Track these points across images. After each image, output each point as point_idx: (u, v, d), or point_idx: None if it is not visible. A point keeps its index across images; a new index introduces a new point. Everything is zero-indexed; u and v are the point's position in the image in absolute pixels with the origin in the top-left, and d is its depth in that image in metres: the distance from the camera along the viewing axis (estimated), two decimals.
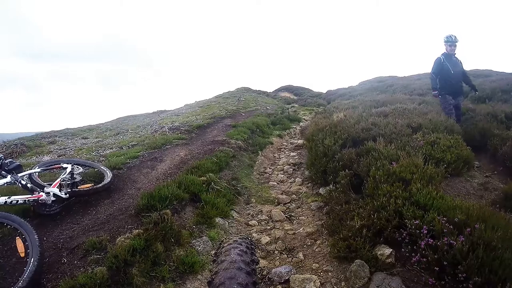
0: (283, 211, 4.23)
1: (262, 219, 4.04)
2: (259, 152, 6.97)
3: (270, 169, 6.35)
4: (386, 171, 3.31)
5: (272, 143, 7.97)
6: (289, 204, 4.52)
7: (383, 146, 4.00)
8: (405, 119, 5.27)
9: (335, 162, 4.28)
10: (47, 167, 3.70)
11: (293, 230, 3.71)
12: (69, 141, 7.93)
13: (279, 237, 3.53)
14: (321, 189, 4.46)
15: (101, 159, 5.25)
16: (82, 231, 2.95)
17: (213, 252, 2.83)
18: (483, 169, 4.42)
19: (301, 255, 3.14)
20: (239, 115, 10.78)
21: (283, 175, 5.84)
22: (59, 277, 2.34)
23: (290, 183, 5.40)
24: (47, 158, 5.69)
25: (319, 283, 2.61)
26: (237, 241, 1.76)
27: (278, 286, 2.67)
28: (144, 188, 3.99)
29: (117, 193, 3.84)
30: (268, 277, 2.79)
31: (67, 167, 3.61)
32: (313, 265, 2.93)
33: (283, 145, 8.29)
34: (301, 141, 7.71)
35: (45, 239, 2.77)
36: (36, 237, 2.35)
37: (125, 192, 3.90)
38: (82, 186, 3.60)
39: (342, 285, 2.56)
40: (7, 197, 2.79)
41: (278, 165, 6.58)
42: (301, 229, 3.66)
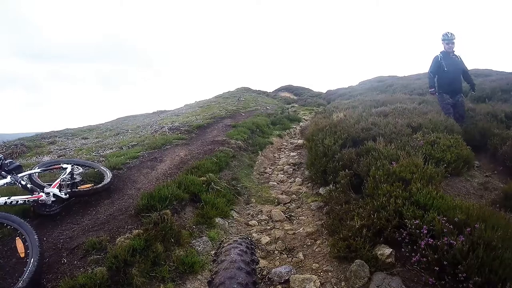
0: (283, 211, 4.22)
1: (262, 219, 4.04)
2: (259, 152, 6.97)
3: (270, 169, 6.35)
4: (386, 171, 3.31)
5: (272, 143, 7.96)
6: (289, 204, 4.52)
7: (383, 146, 3.99)
8: (405, 118, 5.27)
9: (335, 162, 4.28)
10: (47, 167, 3.70)
11: (293, 230, 3.71)
12: (69, 142, 7.93)
13: (279, 237, 3.53)
14: (321, 189, 4.46)
15: (101, 159, 5.25)
16: (82, 231, 2.95)
17: (213, 252, 2.82)
18: (483, 168, 4.41)
19: (301, 255, 3.14)
20: (239, 115, 10.77)
21: (283, 175, 5.84)
22: (59, 277, 2.34)
23: (290, 183, 5.40)
24: (47, 158, 5.69)
25: (319, 283, 2.61)
26: (237, 241, 1.76)
27: (278, 286, 2.67)
28: (144, 188, 3.99)
29: (117, 193, 3.84)
30: (268, 277, 2.79)
31: (67, 168, 3.62)
32: (313, 265, 2.93)
33: (283, 145, 8.28)
34: (301, 141, 7.71)
35: (45, 239, 2.77)
36: (36, 237, 2.35)
37: (125, 192, 3.90)
38: (82, 186, 3.60)
39: (342, 285, 2.56)
40: (7, 197, 2.79)
41: (278, 165, 6.57)
42: (301, 229, 3.66)
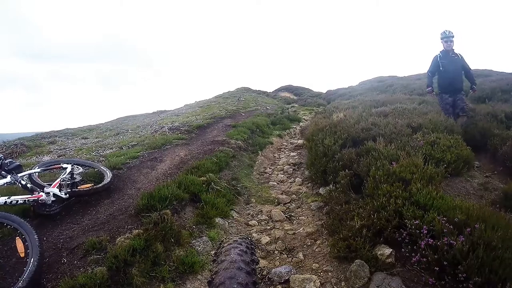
0: (283, 211, 4.22)
1: (262, 219, 4.04)
2: (259, 152, 6.97)
3: (270, 169, 6.35)
4: (386, 171, 3.31)
5: (272, 143, 7.96)
6: (289, 204, 4.52)
7: (383, 146, 3.99)
8: (405, 119, 5.27)
9: (335, 162, 4.28)
10: (47, 167, 3.70)
11: (293, 230, 3.71)
12: (69, 141, 7.93)
13: (279, 237, 3.53)
14: (321, 189, 4.46)
15: (101, 159, 5.25)
16: (82, 231, 2.95)
17: (213, 252, 2.82)
18: (483, 169, 4.42)
19: (301, 255, 3.14)
20: (239, 115, 10.77)
21: (283, 175, 5.84)
22: (59, 277, 2.34)
23: (290, 183, 5.40)
24: (47, 158, 5.69)
25: (319, 283, 2.61)
26: (237, 241, 1.75)
27: (278, 286, 2.67)
28: (144, 188, 3.99)
29: (117, 193, 3.84)
30: (268, 277, 2.79)
31: (67, 167, 3.61)
32: (313, 265, 2.93)
33: (283, 145, 8.28)
34: (301, 141, 7.71)
35: (45, 239, 2.77)
36: (36, 237, 2.35)
37: (125, 192, 3.90)
38: (82, 186, 3.60)
39: (342, 285, 2.56)
40: (7, 197, 2.79)
41: (278, 165, 6.57)
42: (301, 229, 3.66)
